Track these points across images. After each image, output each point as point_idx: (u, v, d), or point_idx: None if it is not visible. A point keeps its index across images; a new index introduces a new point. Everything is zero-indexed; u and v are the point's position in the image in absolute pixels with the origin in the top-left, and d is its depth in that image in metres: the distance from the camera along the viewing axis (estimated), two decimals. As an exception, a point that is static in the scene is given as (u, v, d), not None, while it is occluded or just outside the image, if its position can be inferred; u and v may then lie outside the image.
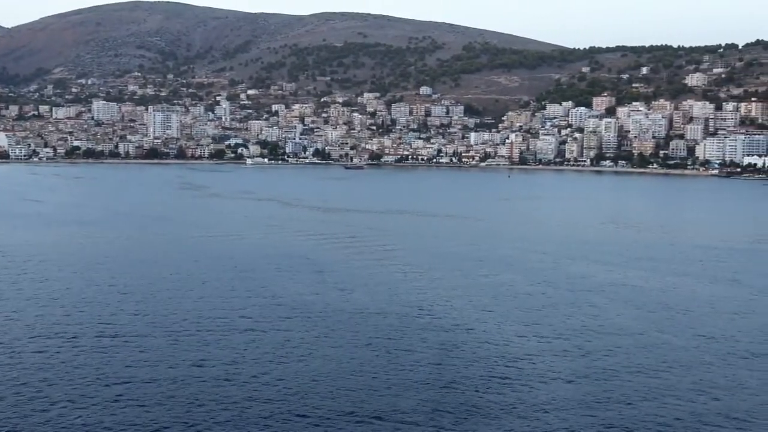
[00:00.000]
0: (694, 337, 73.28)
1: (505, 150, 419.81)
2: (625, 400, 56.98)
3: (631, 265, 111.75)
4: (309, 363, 63.39)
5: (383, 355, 65.85)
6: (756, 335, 74.42)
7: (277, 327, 73.56)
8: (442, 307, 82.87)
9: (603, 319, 79.49)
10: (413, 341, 69.99)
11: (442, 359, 65.07)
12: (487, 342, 70.22)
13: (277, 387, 57.94)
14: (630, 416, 54.07)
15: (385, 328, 73.79)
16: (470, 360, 64.92)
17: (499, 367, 63.38)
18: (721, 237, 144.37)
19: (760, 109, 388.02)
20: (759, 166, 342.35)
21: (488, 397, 57.00)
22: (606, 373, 62.45)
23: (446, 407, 54.91)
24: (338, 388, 58.17)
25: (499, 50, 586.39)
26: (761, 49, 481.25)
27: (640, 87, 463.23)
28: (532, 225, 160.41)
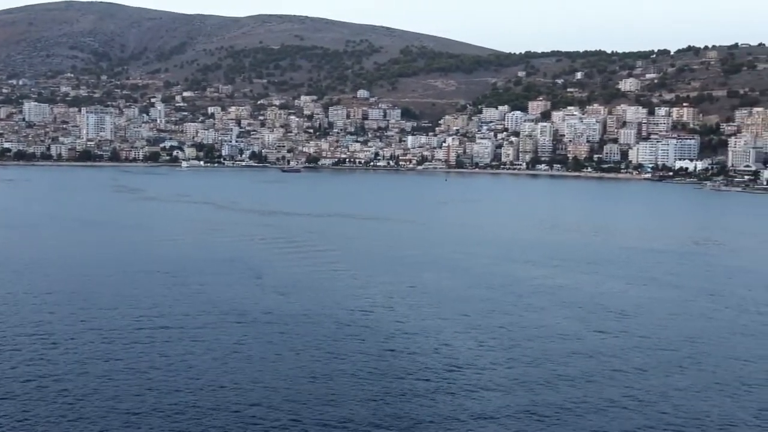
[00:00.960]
0: (629, 340, 73.95)
1: (443, 153, 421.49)
2: (565, 403, 57.19)
3: (568, 268, 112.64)
4: (247, 369, 62.61)
5: (323, 361, 65.29)
6: (689, 338, 75.39)
7: (214, 333, 72.55)
8: (382, 311, 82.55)
9: (541, 321, 79.90)
10: (353, 346, 69.55)
11: (382, 363, 64.76)
12: (427, 346, 70.05)
13: (216, 393, 57.11)
14: (569, 420, 54.28)
15: (325, 333, 73.24)
16: (411, 364, 64.68)
17: (440, 370, 63.22)
18: (655, 240, 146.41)
19: (691, 114, 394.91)
20: (690, 170, 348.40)
21: (429, 401, 56.77)
22: (546, 376, 62.66)
23: (388, 412, 54.59)
24: (277, 393, 57.52)
25: (437, 54, 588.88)
26: (692, 55, 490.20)
27: (575, 92, 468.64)
28: (469, 228, 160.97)
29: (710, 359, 68.18)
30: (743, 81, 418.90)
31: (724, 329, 78.51)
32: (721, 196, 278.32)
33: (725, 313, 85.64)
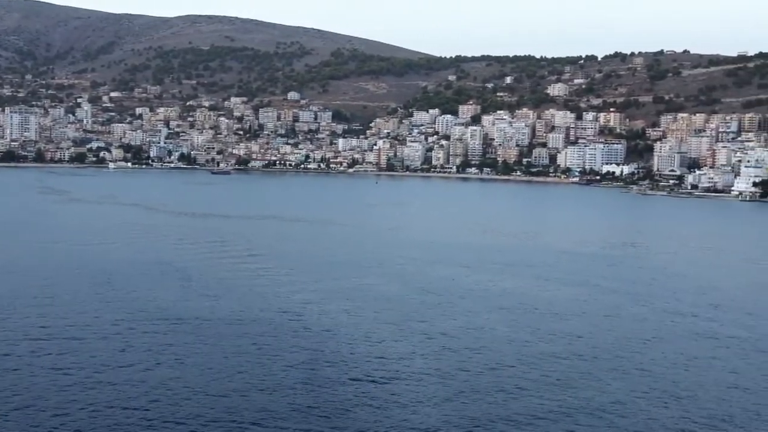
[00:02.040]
0: (557, 341, 74.65)
1: (373, 156, 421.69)
2: (493, 400, 57.49)
3: (499, 271, 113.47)
4: (177, 372, 61.82)
5: (255, 361, 64.89)
6: (619, 340, 76.41)
7: (144, 335, 71.52)
8: (313, 312, 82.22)
9: (473, 324, 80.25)
10: (284, 347, 69.25)
11: (313, 364, 64.51)
12: (357, 346, 69.96)
13: (149, 395, 56.39)
14: (499, 416, 54.51)
15: (256, 334, 72.72)
16: (341, 364, 64.53)
17: (371, 374, 63.08)
18: (584, 243, 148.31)
19: (617, 119, 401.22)
20: (617, 174, 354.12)
21: (359, 400, 56.70)
22: (479, 379, 62.89)
23: (318, 412, 54.48)
24: (210, 394, 57.01)
25: (368, 57, 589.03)
26: (619, 61, 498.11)
27: (505, 96, 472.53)
28: (401, 231, 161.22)
29: (639, 361, 69.15)
30: (668, 87, 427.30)
31: (651, 331, 79.74)
32: (646, 200, 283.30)
33: (653, 315, 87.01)
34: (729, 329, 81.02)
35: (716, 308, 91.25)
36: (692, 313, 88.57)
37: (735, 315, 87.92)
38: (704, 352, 72.51)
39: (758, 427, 54.91)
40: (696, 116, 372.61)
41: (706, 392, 61.41)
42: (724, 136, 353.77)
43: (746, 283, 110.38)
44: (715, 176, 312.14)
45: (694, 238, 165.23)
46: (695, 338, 77.35)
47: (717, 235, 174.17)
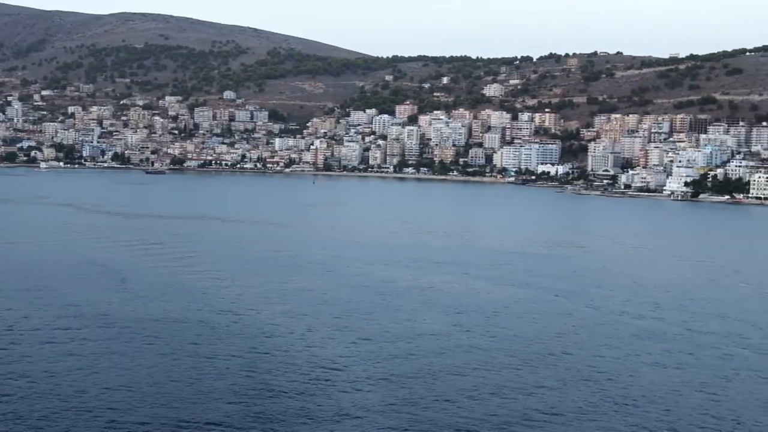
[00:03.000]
0: (496, 339, 75.07)
1: (310, 156, 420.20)
2: (433, 401, 57.55)
3: (436, 270, 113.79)
4: (113, 374, 60.94)
5: (191, 362, 64.20)
6: (553, 336, 77.10)
7: (79, 338, 70.29)
8: (251, 313, 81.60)
9: (410, 322, 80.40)
10: (221, 347, 68.68)
11: (251, 366, 64.04)
12: (296, 347, 69.60)
13: (81, 398, 55.27)
14: (435, 417, 54.55)
15: (194, 336, 71.94)
16: (280, 366, 64.18)
17: (308, 372, 62.84)
18: (520, 242, 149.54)
19: (552, 119, 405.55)
20: (552, 174, 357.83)
21: (298, 402, 56.42)
22: (415, 377, 62.94)
23: (256, 413, 54.11)
24: (145, 397, 56.22)
25: (304, 56, 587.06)
26: (554, 62, 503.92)
27: (441, 96, 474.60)
28: (338, 231, 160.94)
29: (572, 356, 69.91)
30: (602, 88, 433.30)
31: (585, 328, 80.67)
32: (581, 200, 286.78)
33: (589, 313, 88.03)
34: (663, 326, 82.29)
35: (650, 305, 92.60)
36: (626, 310, 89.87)
37: (669, 312, 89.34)
38: (640, 348, 73.50)
39: (686, 419, 55.79)
40: (629, 117, 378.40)
41: (642, 388, 62.25)
42: (656, 137, 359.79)
43: (679, 280, 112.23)
44: (647, 176, 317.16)
45: (628, 237, 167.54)
46: (630, 335, 78.35)
47: (650, 234, 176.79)
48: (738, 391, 62.42)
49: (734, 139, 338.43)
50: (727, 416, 57.01)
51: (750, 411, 58.20)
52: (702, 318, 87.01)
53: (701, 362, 69.92)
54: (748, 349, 74.79)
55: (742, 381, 65.06)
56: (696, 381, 64.65)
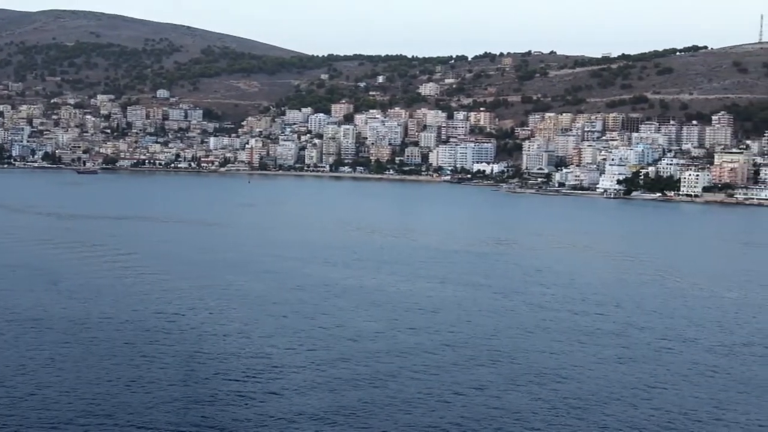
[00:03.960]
0: (436, 338, 75.30)
1: (246, 155, 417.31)
2: (375, 401, 57.54)
3: (375, 269, 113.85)
4: (47, 376, 59.94)
5: (128, 363, 63.53)
6: (492, 334, 77.60)
7: (12, 340, 68.82)
8: (189, 314, 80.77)
9: (350, 321, 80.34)
10: (159, 348, 68.06)
11: (190, 366, 63.45)
12: (235, 349, 69.14)
13: (14, 401, 54.08)
14: (380, 417, 54.49)
15: (129, 336, 71.15)
16: (218, 367, 63.68)
17: (248, 373, 62.45)
18: (457, 240, 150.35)
19: (488, 118, 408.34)
20: (487, 172, 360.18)
21: (236, 404, 56.02)
22: (357, 375, 62.89)
23: (194, 416, 53.67)
24: (84, 397, 55.52)
25: (239, 55, 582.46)
26: (488, 61, 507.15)
27: (377, 95, 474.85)
28: (276, 230, 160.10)
29: (512, 353, 70.54)
30: (536, 87, 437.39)
31: (523, 325, 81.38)
32: (516, 198, 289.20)
33: (524, 310, 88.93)
34: (600, 322, 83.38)
35: (587, 302, 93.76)
36: (563, 307, 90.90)
37: (605, 309, 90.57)
38: (578, 344, 74.41)
39: (619, 413, 56.55)
40: (562, 116, 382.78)
41: (581, 383, 62.99)
42: (590, 136, 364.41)
43: (613, 277, 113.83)
44: (581, 174, 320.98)
45: (563, 234, 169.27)
46: (568, 331, 79.28)
47: (584, 231, 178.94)
48: (674, 385, 63.44)
49: (665, 138, 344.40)
50: (665, 409, 57.89)
51: (688, 404, 59.18)
52: (637, 314, 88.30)
53: (637, 357, 70.99)
54: (684, 343, 76.10)
55: (678, 375, 66.10)
56: (633, 376, 65.58)
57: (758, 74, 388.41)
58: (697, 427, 55.17)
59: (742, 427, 55.51)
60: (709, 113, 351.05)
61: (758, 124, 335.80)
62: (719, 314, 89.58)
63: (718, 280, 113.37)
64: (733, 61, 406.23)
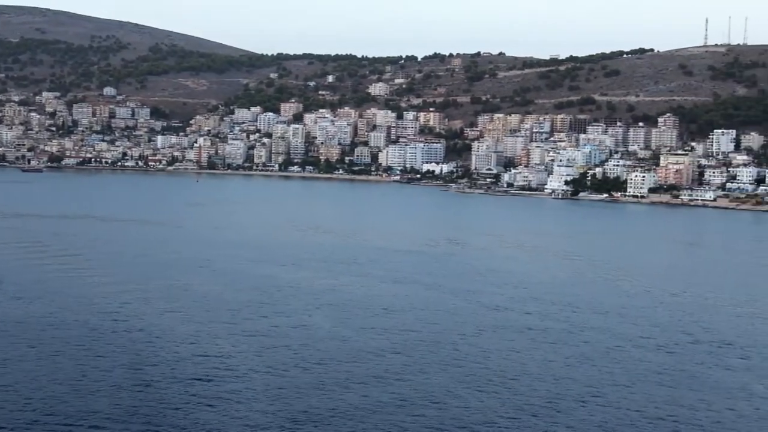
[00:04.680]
0: (385, 337, 75.22)
1: (194, 154, 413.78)
2: (323, 401, 57.23)
3: (322, 268, 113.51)
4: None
5: (74, 365, 62.54)
6: (442, 333, 77.70)
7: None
8: (136, 314, 79.83)
9: (301, 322, 79.92)
10: (105, 349, 67.20)
11: (136, 368, 62.72)
12: (182, 349, 68.48)
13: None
14: (325, 414, 54.26)
15: (75, 337, 70.04)
16: (165, 368, 63.00)
17: (195, 374, 61.87)
18: (407, 240, 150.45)
19: (437, 118, 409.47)
20: (437, 172, 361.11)
21: (183, 405, 55.53)
22: (308, 378, 62.57)
23: (140, 417, 53.07)
24: (28, 398, 54.57)
25: (187, 53, 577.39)
26: (438, 62, 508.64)
27: (327, 95, 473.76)
28: (224, 230, 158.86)
29: (463, 353, 70.71)
30: (485, 88, 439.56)
31: (472, 325, 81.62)
32: (465, 198, 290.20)
33: (474, 309, 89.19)
34: (549, 322, 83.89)
35: (535, 301, 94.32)
36: (510, 306, 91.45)
37: (552, 307, 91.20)
38: (526, 344, 74.83)
39: (568, 412, 56.89)
40: (511, 117, 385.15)
41: (526, 383, 63.20)
42: (538, 136, 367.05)
43: (561, 277, 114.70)
44: (529, 175, 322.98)
45: (511, 234, 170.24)
46: (517, 331, 79.67)
47: (533, 231, 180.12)
48: (620, 384, 63.98)
49: (612, 139, 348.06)
50: (611, 407, 58.36)
51: (638, 402, 59.73)
52: (587, 314, 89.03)
53: (588, 356, 71.51)
54: (630, 343, 76.84)
55: (628, 373, 66.70)
56: (580, 375, 66.03)
57: (703, 77, 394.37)
58: (648, 424, 55.67)
59: (692, 424, 56.09)
60: (655, 115, 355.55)
61: (703, 126, 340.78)
62: (667, 314, 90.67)
63: (664, 280, 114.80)
64: (678, 63, 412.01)
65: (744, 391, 63.33)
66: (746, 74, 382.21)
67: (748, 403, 60.60)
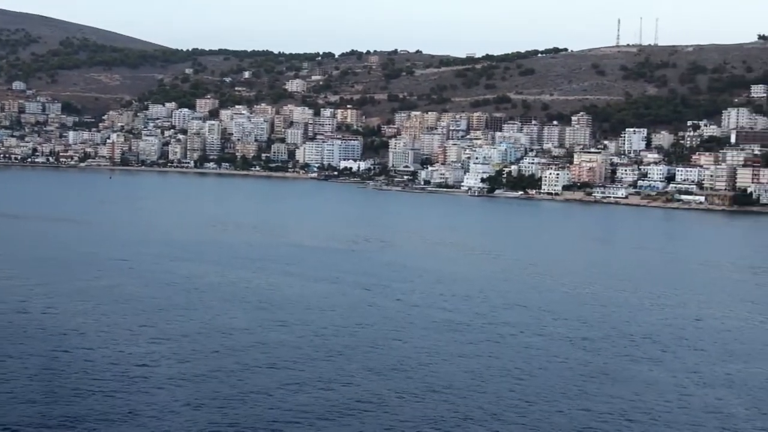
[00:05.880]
0: (305, 334, 74.65)
1: (107, 150, 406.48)
2: (241, 398, 56.70)
3: (240, 265, 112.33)
4: None
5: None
6: (359, 329, 77.47)
7: None
8: (50, 312, 78.03)
9: (216, 319, 78.98)
10: (18, 349, 65.30)
11: (50, 367, 61.28)
12: (98, 347, 67.26)
13: None
14: (244, 414, 53.54)
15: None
16: (80, 366, 61.81)
17: (111, 371, 60.73)
18: (324, 238, 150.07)
19: (354, 115, 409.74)
20: (354, 169, 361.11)
21: (99, 403, 54.58)
22: (224, 375, 61.76)
23: (55, 415, 51.89)
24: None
25: (100, 47, 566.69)
26: (355, 59, 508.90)
27: (243, 91, 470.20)
28: (140, 227, 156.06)
29: (381, 349, 70.58)
30: (402, 86, 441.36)
31: (391, 321, 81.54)
32: (382, 195, 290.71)
33: (391, 306, 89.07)
34: (467, 317, 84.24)
35: (452, 297, 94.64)
36: (429, 302, 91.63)
37: (468, 303, 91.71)
38: (445, 339, 75.06)
39: (486, 404, 57.05)
40: (428, 114, 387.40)
41: (442, 377, 63.24)
42: (454, 134, 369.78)
43: (478, 273, 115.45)
44: (446, 172, 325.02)
45: (429, 232, 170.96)
46: (432, 326, 79.85)
47: (450, 228, 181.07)
48: (537, 377, 64.46)
49: (527, 137, 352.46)
50: (528, 401, 58.75)
51: (549, 395, 60.28)
52: (502, 309, 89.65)
53: (503, 350, 71.99)
54: (545, 337, 77.61)
55: (540, 366, 67.27)
56: (499, 368, 66.50)
57: (615, 76, 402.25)
58: (559, 416, 56.17)
59: (601, 416, 56.73)
60: (569, 114, 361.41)
61: (615, 125, 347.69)
62: (578, 309, 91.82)
63: (576, 275, 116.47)
64: (591, 63, 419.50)
65: (654, 384, 64.37)
66: (657, 74, 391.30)
67: (652, 394, 61.67)
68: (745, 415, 58.36)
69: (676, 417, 57.56)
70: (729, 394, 62.71)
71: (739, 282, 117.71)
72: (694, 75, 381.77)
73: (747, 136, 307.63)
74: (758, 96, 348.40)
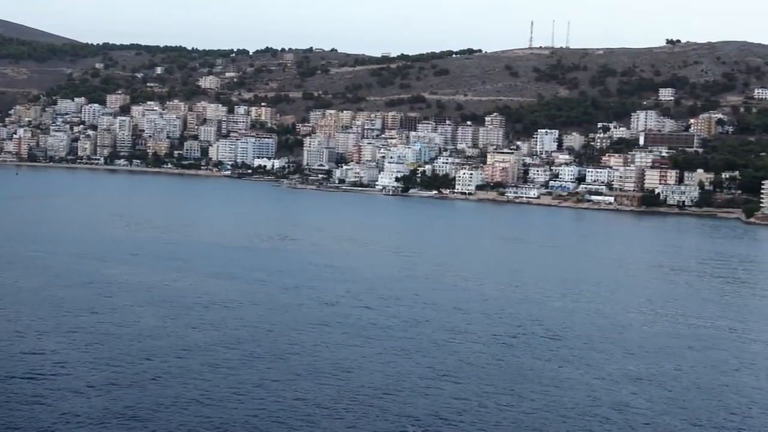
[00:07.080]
0: (221, 333, 73.90)
1: (13, 146, 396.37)
2: (156, 401, 55.83)
3: (155, 265, 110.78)
4: None
5: None
6: (271, 329, 76.87)
7: None
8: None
9: (126, 319, 77.70)
10: None
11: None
12: (7, 346, 65.63)
13: None
14: (161, 416, 52.74)
15: None
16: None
17: (20, 374, 59.00)
18: (238, 236, 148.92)
19: (269, 113, 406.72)
20: (268, 168, 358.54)
21: (11, 401, 52.76)
22: (136, 376, 60.91)
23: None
24: None
25: (6, 40, 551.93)
26: (270, 56, 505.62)
27: (155, 87, 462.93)
28: (47, 225, 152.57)
29: (299, 348, 70.23)
30: (317, 84, 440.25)
31: (307, 320, 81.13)
32: (297, 194, 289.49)
33: (307, 305, 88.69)
34: (380, 316, 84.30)
35: (369, 297, 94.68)
36: (341, 301, 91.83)
37: (384, 302, 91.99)
38: (357, 338, 75.11)
39: (412, 401, 57.04)
40: (343, 113, 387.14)
41: (359, 376, 63.12)
42: (369, 133, 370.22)
43: (392, 272, 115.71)
44: (361, 171, 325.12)
45: (343, 230, 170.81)
46: (349, 325, 79.81)
47: (364, 227, 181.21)
48: (454, 374, 64.89)
49: (441, 137, 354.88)
50: (452, 397, 58.94)
51: (465, 393, 60.63)
52: (417, 308, 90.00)
53: (420, 349, 72.30)
54: (462, 334, 78.26)
55: (457, 364, 67.67)
56: (419, 366, 66.76)
57: (528, 78, 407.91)
58: (480, 412, 56.47)
59: (521, 410, 57.29)
60: (482, 114, 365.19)
61: (528, 125, 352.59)
62: (490, 307, 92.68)
63: (491, 274, 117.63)
64: (505, 65, 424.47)
65: (561, 380, 65.28)
66: (568, 76, 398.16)
67: (560, 391, 62.52)
68: (648, 408, 59.60)
69: (585, 411, 58.51)
70: (634, 390, 63.92)
71: (644, 280, 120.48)
72: (604, 78, 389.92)
73: (655, 138, 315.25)
74: (666, 99, 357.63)
